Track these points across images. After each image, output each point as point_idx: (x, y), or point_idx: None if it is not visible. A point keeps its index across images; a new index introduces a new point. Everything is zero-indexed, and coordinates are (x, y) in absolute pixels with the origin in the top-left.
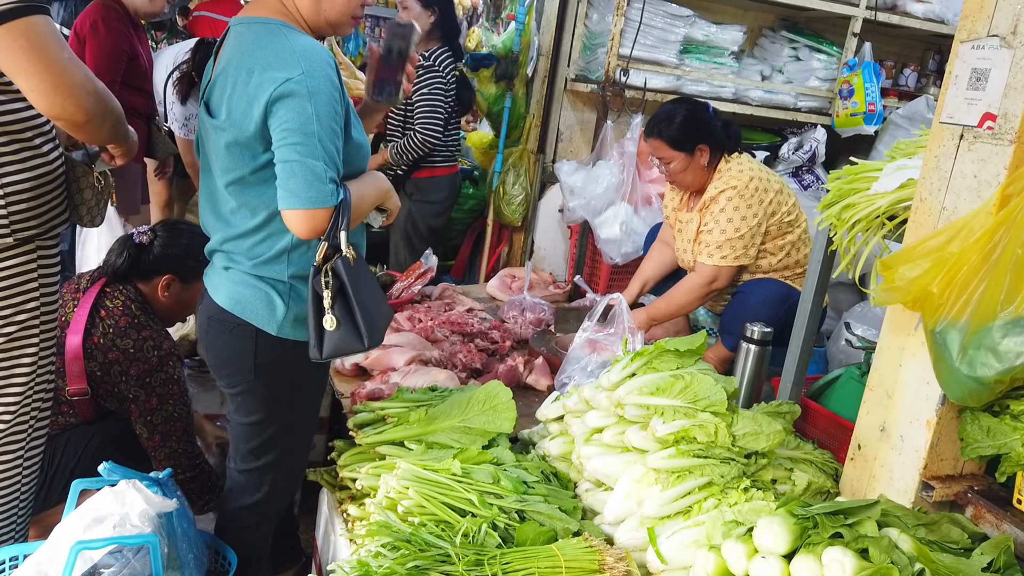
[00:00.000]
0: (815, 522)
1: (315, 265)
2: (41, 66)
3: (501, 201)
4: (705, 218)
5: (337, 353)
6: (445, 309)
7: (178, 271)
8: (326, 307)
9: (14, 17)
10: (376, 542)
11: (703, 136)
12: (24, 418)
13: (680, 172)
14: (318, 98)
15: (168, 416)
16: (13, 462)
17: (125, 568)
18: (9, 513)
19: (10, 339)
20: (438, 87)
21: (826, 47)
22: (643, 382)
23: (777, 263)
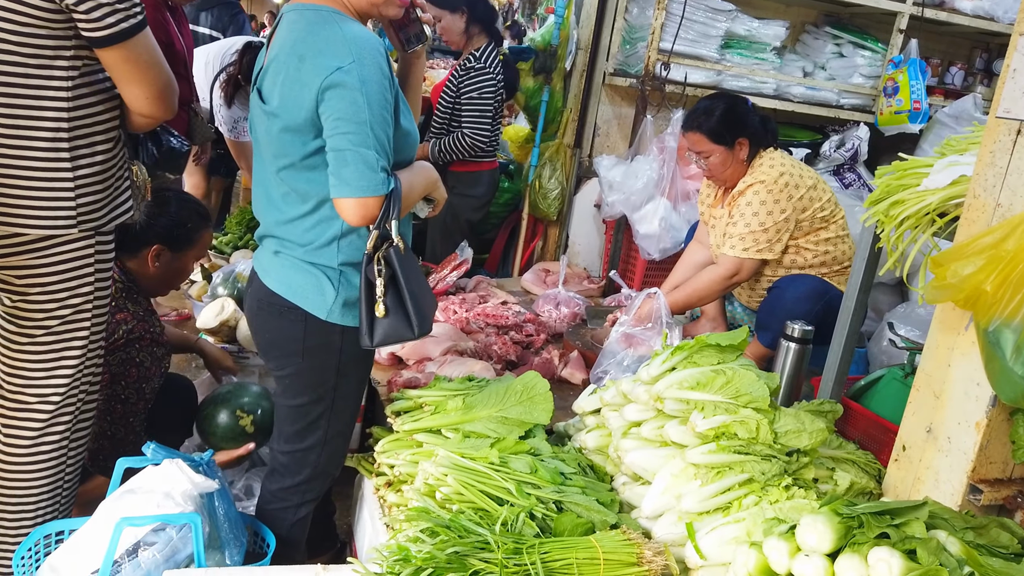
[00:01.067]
0: (860, 521)
1: (367, 253)
2: (148, 78)
3: (537, 195)
4: (732, 211)
5: (387, 340)
6: (480, 301)
7: (166, 240)
8: (378, 295)
9: (132, 35)
10: (415, 527)
11: (743, 130)
12: (72, 400)
13: (720, 166)
14: (368, 86)
15: (111, 396)
16: (60, 442)
17: (168, 546)
18: (54, 492)
19: (63, 322)
20: (488, 89)
21: (871, 43)
22: (683, 376)
23: (813, 259)
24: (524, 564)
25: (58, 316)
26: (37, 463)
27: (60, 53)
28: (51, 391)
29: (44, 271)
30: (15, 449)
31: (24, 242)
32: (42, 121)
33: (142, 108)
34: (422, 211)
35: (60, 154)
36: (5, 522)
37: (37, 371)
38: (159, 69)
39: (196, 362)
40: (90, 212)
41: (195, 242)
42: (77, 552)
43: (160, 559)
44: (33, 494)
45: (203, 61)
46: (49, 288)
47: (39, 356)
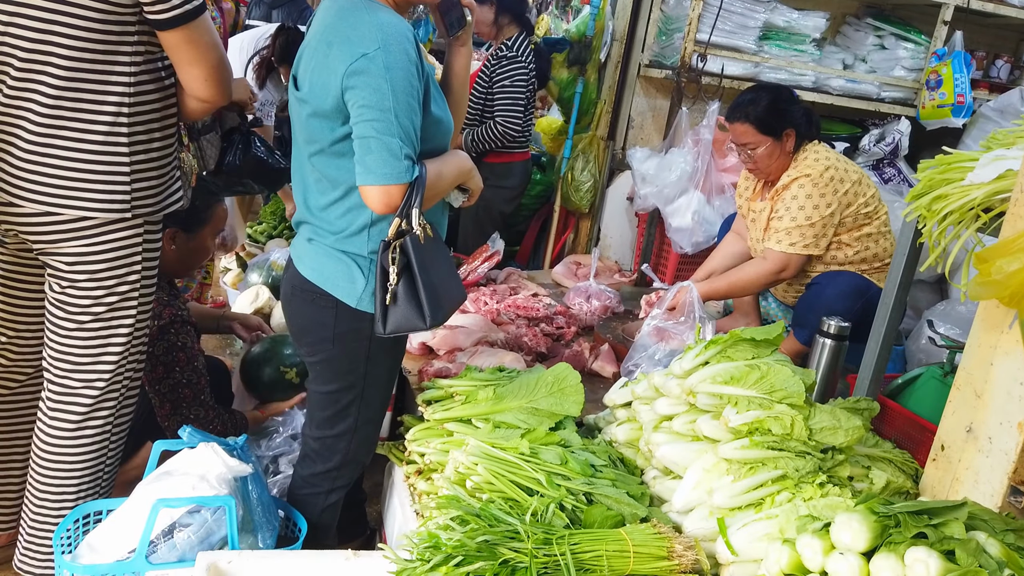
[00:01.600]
0: (897, 521)
1: (384, 240)
2: (207, 59)
3: (569, 187)
4: (776, 205)
5: (399, 329)
6: (510, 293)
7: (178, 222)
8: (390, 283)
9: (194, 17)
10: (445, 515)
11: (790, 120)
12: (116, 386)
13: (766, 158)
14: (394, 73)
15: (175, 384)
16: (103, 427)
17: (203, 527)
18: (95, 473)
19: (110, 309)
20: (520, 78)
21: (913, 35)
22: (716, 371)
23: (854, 255)
24: (554, 555)
25: (105, 303)
26: (81, 446)
27: (124, 39)
28: (96, 377)
29: (94, 257)
30: (60, 432)
31: (85, 226)
32: (105, 105)
33: (200, 90)
34: (456, 200)
35: (119, 139)
36: (48, 501)
37: (83, 357)
38: (217, 51)
39: (231, 348)
40: (144, 199)
41: (208, 219)
42: (115, 531)
43: (195, 540)
44: (75, 475)
45: (237, 47)
46: (97, 275)
47: (86, 342)
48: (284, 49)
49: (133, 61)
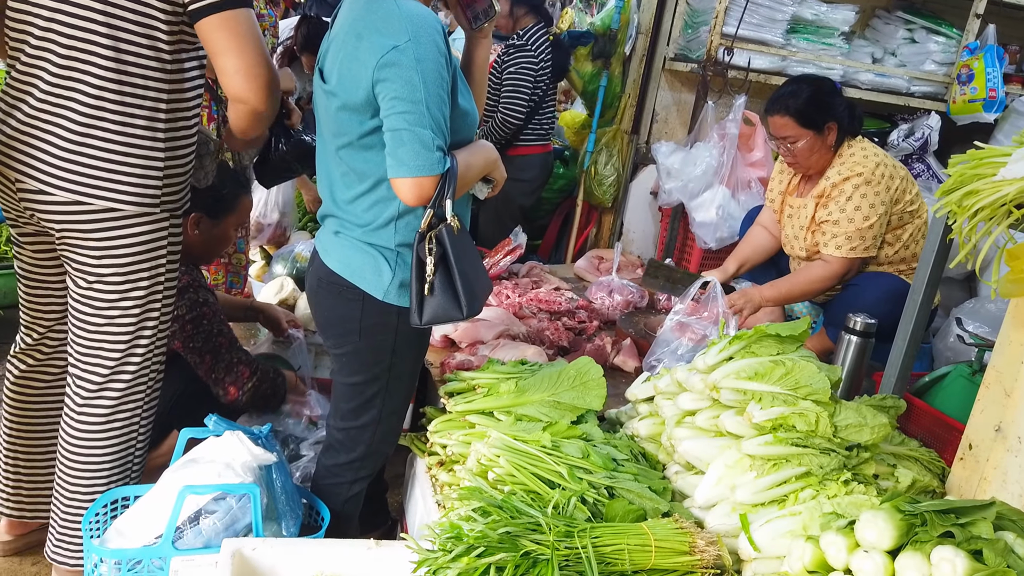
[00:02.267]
0: (923, 519)
1: (419, 232)
2: (242, 51)
3: (592, 181)
4: (828, 206)
5: (436, 320)
6: (532, 287)
7: (205, 208)
8: (428, 274)
9: (229, 7)
10: (467, 506)
11: (832, 113)
12: (144, 377)
13: (807, 152)
14: (424, 65)
15: (208, 335)
16: (131, 418)
17: (228, 514)
18: (124, 462)
19: (138, 302)
20: (525, 67)
21: (945, 29)
22: (741, 366)
23: (893, 254)
24: (575, 547)
25: (132, 297)
26: (111, 437)
27: (161, 34)
28: (125, 369)
29: (121, 251)
30: (89, 425)
31: (114, 218)
32: (145, 100)
33: (232, 84)
34: (481, 192)
35: (157, 133)
36: (79, 493)
37: (113, 351)
38: (256, 47)
39: (255, 339)
40: (173, 193)
41: (234, 209)
42: (142, 517)
43: (220, 527)
44: (106, 467)
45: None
46: (124, 268)
47: (115, 336)
48: (307, 39)
49: (172, 56)
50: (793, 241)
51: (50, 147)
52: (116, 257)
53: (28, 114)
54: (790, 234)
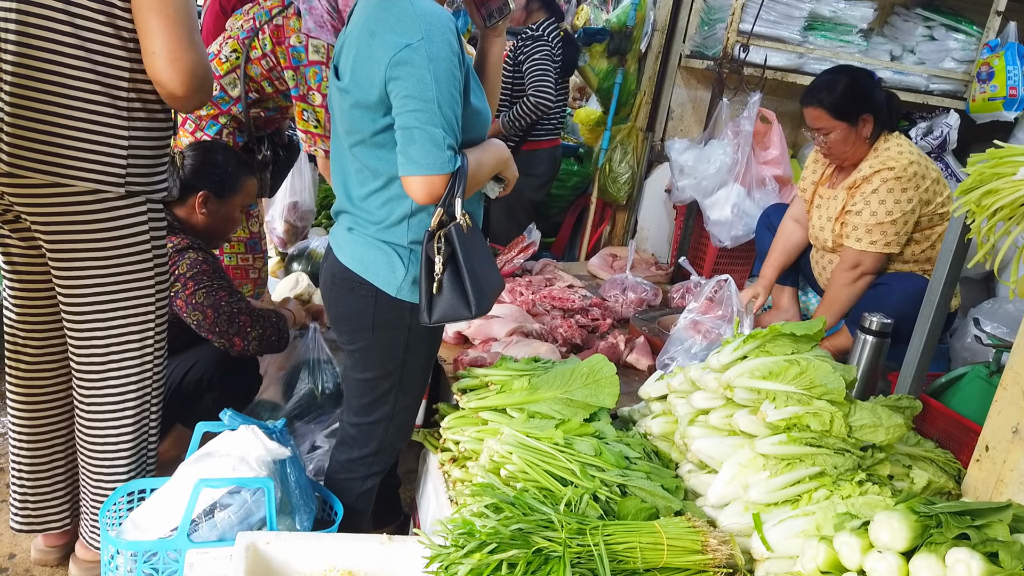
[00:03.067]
0: (939, 521)
1: (429, 231)
2: (167, 34)
3: (607, 179)
4: (855, 198)
5: (445, 318)
6: (546, 284)
7: (211, 186)
8: (436, 273)
9: None
10: (480, 502)
11: (868, 105)
12: (147, 365)
13: (840, 144)
14: (437, 64)
15: (208, 290)
16: (141, 405)
17: (242, 508)
18: (139, 452)
19: (129, 289)
20: (546, 54)
21: (965, 26)
22: (755, 365)
23: (920, 252)
24: (587, 545)
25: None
26: (122, 427)
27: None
28: (122, 360)
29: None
30: (99, 419)
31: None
32: (104, 77)
33: (151, 66)
34: (492, 191)
35: (119, 111)
36: (102, 484)
37: (109, 343)
38: (182, 30)
39: None
40: (139, 176)
41: (239, 189)
42: (158, 510)
43: (235, 520)
44: (122, 457)
45: None
46: (110, 263)
47: (107, 327)
48: None
49: (131, 35)
50: (819, 232)
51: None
52: (100, 243)
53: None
54: (817, 224)
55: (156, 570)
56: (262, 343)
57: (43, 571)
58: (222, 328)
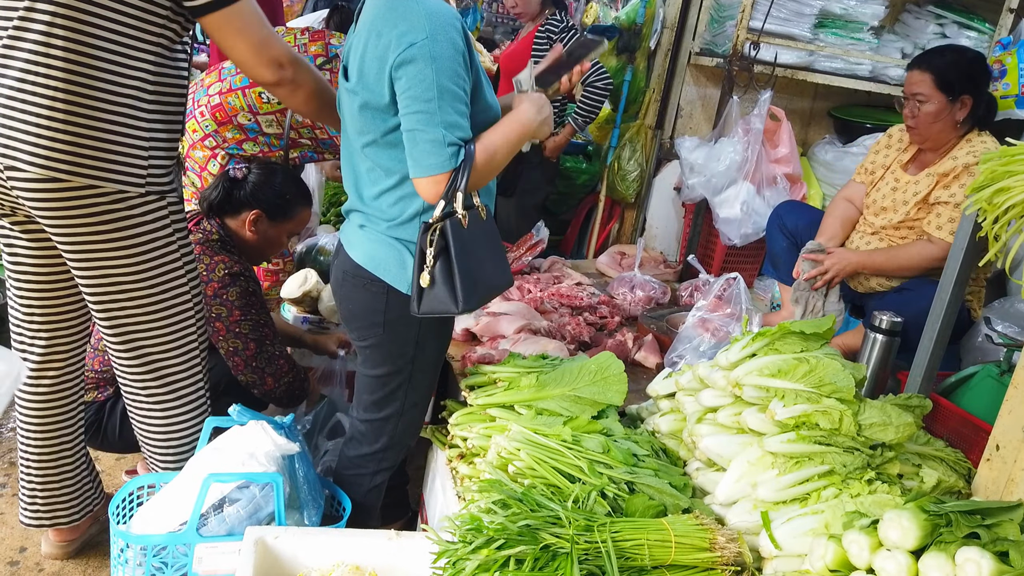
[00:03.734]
0: (948, 520)
1: (425, 223)
2: (244, 45)
3: (615, 176)
4: (951, 187)
5: (431, 311)
6: (554, 282)
7: (267, 208)
8: (427, 265)
9: (227, 4)
10: (487, 499)
11: (971, 88)
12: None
13: (930, 117)
14: (440, 63)
15: (255, 323)
16: (199, 400)
17: (251, 503)
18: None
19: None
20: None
21: (977, 24)
22: (764, 363)
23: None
24: (595, 542)
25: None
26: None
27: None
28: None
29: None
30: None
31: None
32: (130, 79)
33: (252, 75)
34: (525, 146)
35: (142, 113)
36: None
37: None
38: (253, 37)
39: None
40: (157, 176)
41: (293, 216)
42: (167, 504)
43: (244, 515)
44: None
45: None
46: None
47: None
48: (340, 27)
49: (157, 39)
50: (881, 212)
51: (29, 125)
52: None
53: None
54: (881, 204)
55: (165, 564)
56: (289, 391)
57: (53, 564)
58: (260, 365)
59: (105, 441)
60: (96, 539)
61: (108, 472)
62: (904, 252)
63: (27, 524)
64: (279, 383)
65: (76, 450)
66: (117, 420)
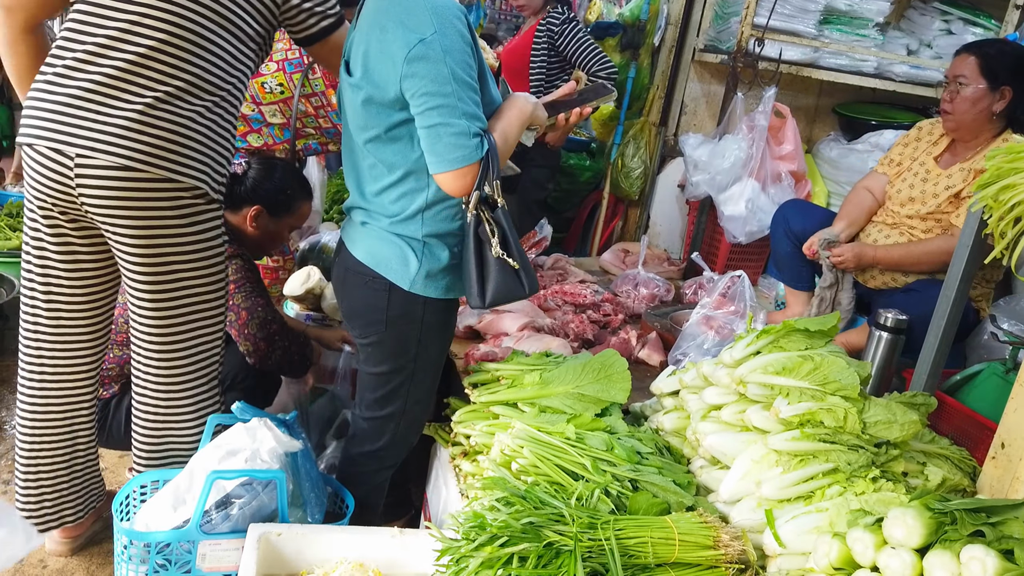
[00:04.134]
0: (953, 518)
1: (473, 214)
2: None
3: (619, 174)
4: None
5: (499, 300)
6: (557, 279)
7: (267, 203)
8: (495, 252)
9: (336, 28)
10: (491, 496)
11: (1016, 81)
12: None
13: (967, 102)
14: (452, 56)
15: (247, 294)
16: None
17: (255, 500)
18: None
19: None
20: (585, 31)
21: (983, 20)
22: (768, 361)
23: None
24: (598, 539)
25: (211, 282)
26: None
27: (251, 41)
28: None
29: (192, 241)
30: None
31: (174, 196)
32: (234, 89)
33: None
34: (528, 139)
35: (230, 118)
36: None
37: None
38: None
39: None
40: (219, 179)
41: (294, 211)
42: (171, 501)
43: (247, 512)
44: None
45: None
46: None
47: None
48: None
49: (256, 60)
50: (908, 202)
51: (115, 118)
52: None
53: (94, 87)
54: (909, 194)
55: (169, 561)
56: (285, 357)
57: (57, 561)
58: (251, 331)
59: (110, 438)
60: (99, 536)
61: (111, 469)
62: (923, 247)
63: (38, 529)
64: (272, 348)
65: (90, 448)
66: (122, 417)
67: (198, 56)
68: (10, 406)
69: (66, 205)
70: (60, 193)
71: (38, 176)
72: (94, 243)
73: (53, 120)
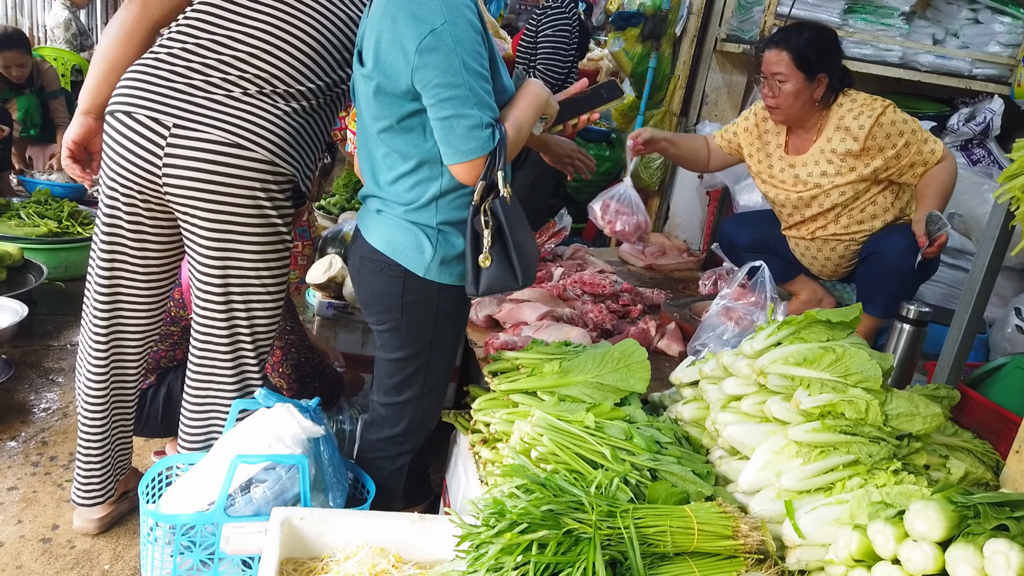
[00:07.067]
0: (976, 511)
1: (474, 204)
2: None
3: (639, 164)
4: (892, 136)
5: (492, 290)
6: (576, 269)
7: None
8: (484, 245)
9: None
10: (510, 483)
11: (826, 65)
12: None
13: (791, 97)
14: (463, 45)
15: (281, 330)
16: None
17: (277, 484)
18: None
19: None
20: (564, 28)
21: (1012, 9)
22: (789, 352)
23: (891, 204)
24: (617, 528)
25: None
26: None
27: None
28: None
29: (267, 239)
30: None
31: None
32: (339, 83)
33: None
34: (537, 130)
35: (332, 116)
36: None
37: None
38: None
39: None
40: (308, 174)
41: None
42: (196, 484)
43: (270, 496)
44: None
45: None
46: (270, 263)
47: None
48: None
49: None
50: (800, 205)
51: (230, 101)
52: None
53: (215, 68)
54: (803, 180)
55: (193, 543)
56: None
57: (84, 542)
58: (286, 372)
59: (147, 427)
60: (126, 517)
61: (137, 453)
62: (938, 182)
63: (82, 504)
64: (305, 388)
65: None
66: (160, 406)
67: (321, 59)
68: (39, 389)
69: (144, 184)
70: (142, 169)
71: (122, 149)
72: (163, 232)
73: (156, 91)
